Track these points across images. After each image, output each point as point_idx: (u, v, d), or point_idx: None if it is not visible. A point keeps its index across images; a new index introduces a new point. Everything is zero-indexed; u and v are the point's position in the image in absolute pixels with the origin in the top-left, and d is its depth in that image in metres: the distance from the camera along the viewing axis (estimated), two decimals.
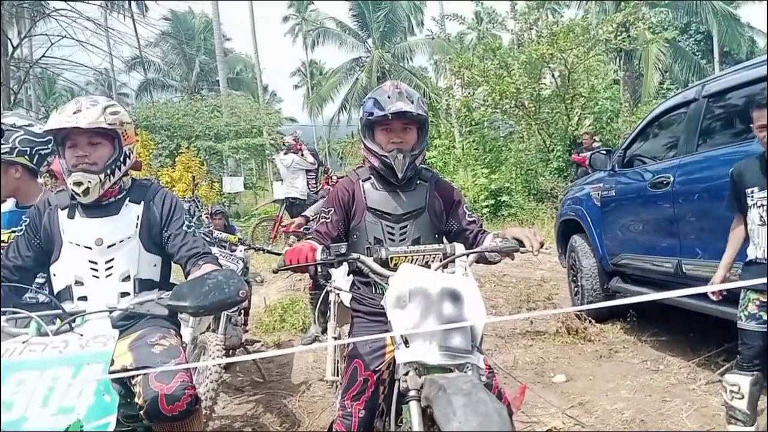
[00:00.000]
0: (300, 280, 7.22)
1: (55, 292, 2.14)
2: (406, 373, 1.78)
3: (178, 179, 12.43)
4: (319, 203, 5.38)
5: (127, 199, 2.23)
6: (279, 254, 5.80)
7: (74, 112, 2.13)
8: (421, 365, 1.79)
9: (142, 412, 1.82)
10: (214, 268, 1.83)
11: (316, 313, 5.20)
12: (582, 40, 13.11)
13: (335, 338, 3.88)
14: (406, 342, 1.80)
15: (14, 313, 1.73)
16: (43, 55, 15.56)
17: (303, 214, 5.14)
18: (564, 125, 13.72)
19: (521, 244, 2.14)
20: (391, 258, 2.08)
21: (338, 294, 4.03)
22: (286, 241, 9.95)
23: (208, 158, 16.13)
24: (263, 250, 4.94)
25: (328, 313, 4.26)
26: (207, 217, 5.99)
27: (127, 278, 2.14)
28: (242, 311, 4.99)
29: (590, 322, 5.14)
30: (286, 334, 5.92)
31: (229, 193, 15.14)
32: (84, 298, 2.06)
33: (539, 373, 4.34)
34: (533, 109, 14.17)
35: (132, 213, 2.20)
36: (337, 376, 3.74)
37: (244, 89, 33.24)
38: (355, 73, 33.40)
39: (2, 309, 1.76)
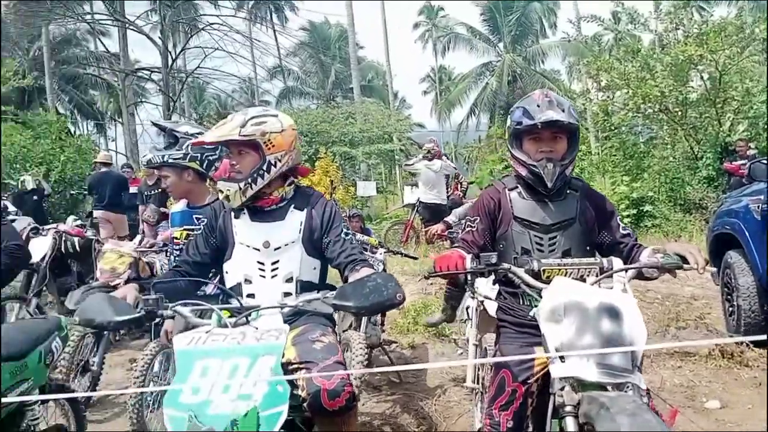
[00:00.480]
0: (432, 284, 7.28)
1: (227, 287, 2.33)
2: (562, 388, 1.76)
3: (317, 183, 12.99)
4: (460, 209, 5.39)
5: (292, 206, 2.37)
6: (415, 258, 5.90)
7: (221, 126, 2.34)
8: (578, 381, 1.76)
9: (305, 405, 1.94)
10: (373, 272, 1.92)
11: (446, 305, 5.20)
12: (735, 40, 12.09)
13: (476, 345, 3.88)
14: (561, 357, 1.78)
15: (197, 305, 1.92)
16: (198, 66, 16.98)
17: (444, 220, 5.18)
18: (714, 131, 12.71)
19: (684, 260, 2.04)
20: (544, 270, 2.06)
21: (481, 302, 4.04)
22: (416, 245, 10.11)
23: (343, 163, 16.73)
24: (400, 253, 5.05)
25: (469, 320, 4.27)
26: (345, 220, 6.23)
27: (290, 279, 2.29)
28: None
29: (748, 345, 4.73)
30: (419, 337, 6.00)
31: (362, 197, 15.60)
32: (252, 296, 2.23)
33: (689, 397, 4.06)
34: (679, 113, 13.27)
35: (296, 219, 2.34)
36: (477, 383, 3.75)
37: (376, 96, 34.06)
38: (485, 78, 33.13)
39: (186, 301, 1.96)
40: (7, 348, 2.73)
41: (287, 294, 2.27)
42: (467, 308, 4.51)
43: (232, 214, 2.37)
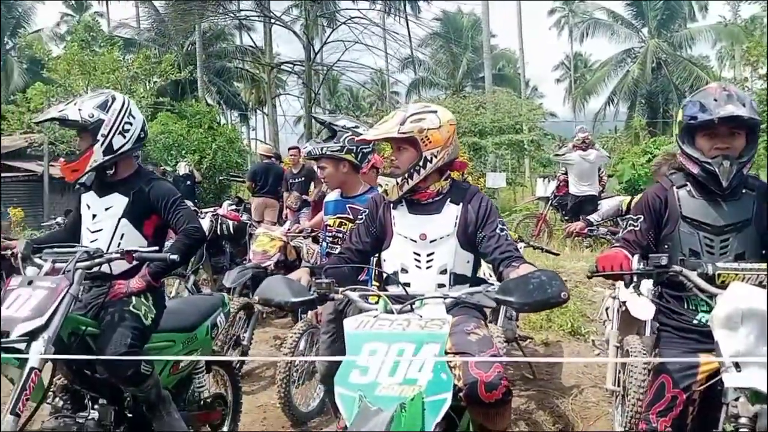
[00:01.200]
0: (566, 280, 7.09)
1: (385, 276, 2.44)
2: (737, 399, 1.68)
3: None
4: (605, 209, 5.20)
5: (448, 199, 2.42)
6: (557, 254, 5.74)
7: (382, 123, 2.42)
8: (755, 393, 1.66)
9: (461, 394, 1.99)
10: (535, 269, 1.93)
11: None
12: None
13: (617, 347, 3.76)
14: (737, 366, 1.69)
15: (365, 290, 2.03)
16: (339, 59, 17.61)
17: (585, 217, 5.02)
18: None
19: None
20: (719, 274, 1.95)
21: (623, 303, 3.89)
22: (549, 239, 9.85)
23: (472, 154, 16.59)
24: (541, 248, 4.96)
25: (609, 321, 4.14)
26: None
27: (444, 271, 2.36)
28: None
29: None
30: (553, 334, 5.88)
31: (491, 189, 15.42)
32: (407, 284, 2.31)
33: None
34: None
35: (452, 213, 2.40)
36: (618, 386, 3.63)
37: (506, 85, 33.39)
38: (626, 65, 31.34)
39: (354, 287, 2.09)
40: (180, 320, 3.05)
41: (441, 285, 2.34)
42: (607, 309, 4.37)
43: (391, 205, 2.46)
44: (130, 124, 2.79)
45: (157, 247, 2.68)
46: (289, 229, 5.51)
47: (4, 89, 27.60)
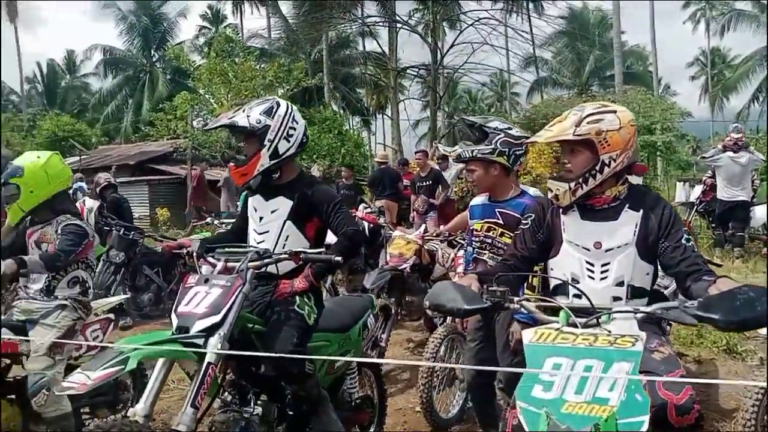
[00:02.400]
0: None
1: (551, 285, 2.33)
2: None
3: None
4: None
5: (626, 205, 2.25)
6: (719, 264, 5.30)
7: (555, 124, 2.29)
8: None
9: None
10: (741, 284, 1.74)
11: None
12: None
13: None
14: None
15: (542, 300, 1.94)
16: (466, 61, 17.49)
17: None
18: None
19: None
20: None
21: None
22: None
23: None
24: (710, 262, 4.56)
25: None
26: None
27: (620, 283, 2.20)
28: None
29: None
30: (706, 352, 5.43)
31: None
32: (578, 296, 2.18)
33: None
34: None
35: (630, 220, 2.23)
36: None
37: (636, 83, 31.59)
38: None
39: (528, 295, 2.00)
40: (335, 321, 3.10)
41: (617, 298, 2.19)
42: None
43: (561, 210, 2.34)
44: (294, 129, 2.88)
45: (323, 249, 2.74)
46: (425, 233, 5.51)
47: (148, 97, 30.15)
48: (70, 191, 3.70)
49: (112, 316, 3.88)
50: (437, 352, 4.07)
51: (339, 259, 2.63)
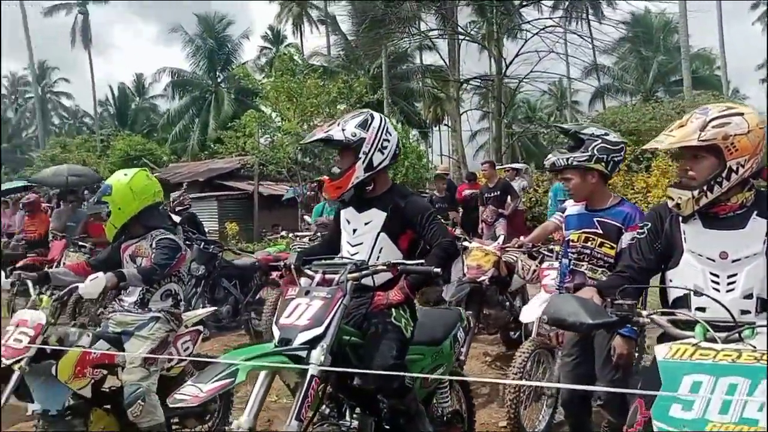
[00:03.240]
0: None
1: (670, 299, 2.19)
2: None
3: (654, 185, 12.11)
4: None
5: (754, 213, 2.10)
6: None
7: (676, 128, 2.15)
8: None
9: None
10: None
11: None
12: None
13: None
14: None
15: (674, 314, 1.83)
16: (531, 70, 17.27)
17: None
18: None
19: None
20: None
21: None
22: None
23: (673, 162, 15.30)
24: None
25: None
26: None
27: (749, 296, 2.05)
28: None
29: None
30: None
31: None
32: (701, 310, 2.05)
33: None
34: None
35: (760, 228, 2.08)
36: None
37: (702, 86, 30.45)
38: None
39: (662, 310, 1.88)
40: (428, 333, 3.04)
41: (745, 312, 2.03)
42: None
43: (680, 218, 2.21)
44: (387, 140, 2.86)
45: (422, 260, 2.69)
46: (503, 244, 5.39)
47: (214, 116, 31.10)
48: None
49: (201, 327, 3.95)
50: (524, 367, 3.95)
51: (438, 270, 2.58)
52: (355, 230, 2.92)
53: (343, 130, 2.81)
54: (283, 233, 7.52)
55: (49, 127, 42.29)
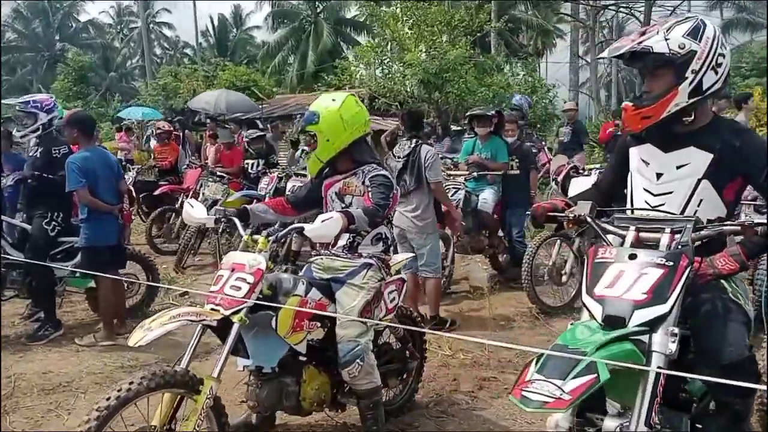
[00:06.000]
0: None
1: None
2: None
3: None
4: None
5: None
6: None
7: None
8: None
9: None
10: None
11: None
12: None
13: None
14: None
15: None
16: None
17: None
18: None
19: None
20: None
21: None
22: None
23: None
24: None
25: None
26: None
27: None
28: None
29: None
30: None
31: None
32: None
33: None
34: None
35: None
36: None
37: None
38: None
39: None
40: None
41: None
42: None
43: None
44: (723, 56, 2.16)
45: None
46: None
47: (313, 48, 30.50)
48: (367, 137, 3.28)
49: (404, 275, 3.48)
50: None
51: None
52: (659, 175, 2.26)
53: (666, 39, 2.12)
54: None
55: (152, 57, 43.13)
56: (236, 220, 3.00)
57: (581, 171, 6.03)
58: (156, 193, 8.59)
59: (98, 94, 34.01)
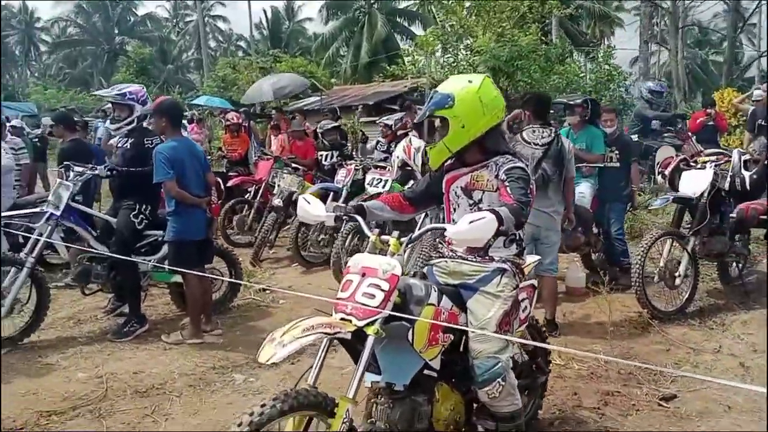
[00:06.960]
0: None
1: None
2: None
3: None
4: None
5: None
6: None
7: None
8: None
9: None
10: None
11: None
12: None
13: None
14: None
15: None
16: None
17: None
18: None
19: None
20: None
21: None
22: None
23: None
24: None
25: None
26: None
27: None
28: None
29: None
30: None
31: None
32: None
33: None
34: None
35: None
36: None
37: None
38: None
39: None
40: None
41: None
42: None
43: None
44: None
45: None
46: None
47: (367, 39, 30.16)
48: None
49: (535, 282, 3.12)
50: None
51: None
52: None
53: None
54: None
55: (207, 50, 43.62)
56: (360, 219, 2.70)
57: (692, 163, 5.53)
58: (228, 184, 8.45)
59: (156, 86, 34.55)
